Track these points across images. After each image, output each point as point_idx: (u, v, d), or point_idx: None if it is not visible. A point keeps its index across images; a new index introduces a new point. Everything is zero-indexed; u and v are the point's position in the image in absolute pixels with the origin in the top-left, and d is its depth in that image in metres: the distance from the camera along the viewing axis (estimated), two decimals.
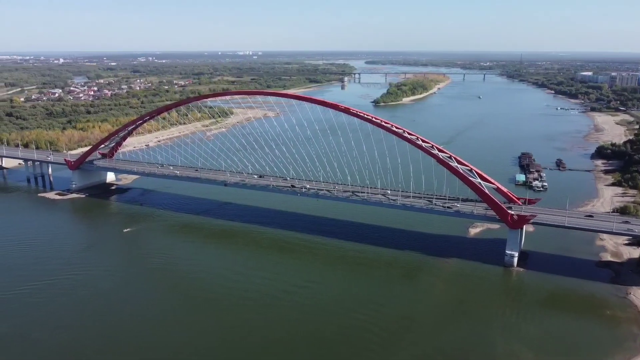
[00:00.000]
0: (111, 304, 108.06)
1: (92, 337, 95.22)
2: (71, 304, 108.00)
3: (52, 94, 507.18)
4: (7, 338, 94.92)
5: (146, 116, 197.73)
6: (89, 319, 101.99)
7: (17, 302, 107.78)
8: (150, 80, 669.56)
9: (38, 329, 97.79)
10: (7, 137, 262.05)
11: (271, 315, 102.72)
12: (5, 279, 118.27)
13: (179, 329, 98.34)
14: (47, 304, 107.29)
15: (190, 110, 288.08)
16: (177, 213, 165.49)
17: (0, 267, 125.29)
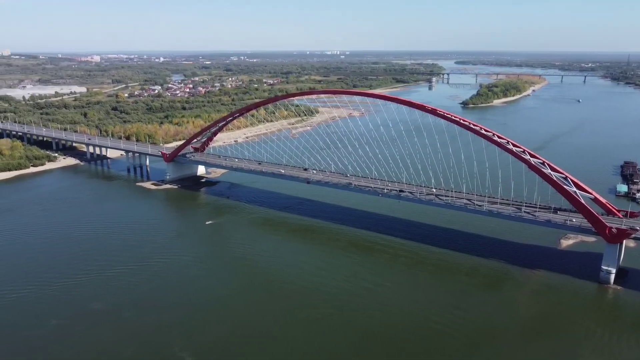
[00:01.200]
0: (198, 290, 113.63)
1: (178, 321, 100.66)
2: (162, 287, 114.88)
3: (152, 90, 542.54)
4: (102, 315, 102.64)
5: (236, 113, 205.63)
6: (177, 302, 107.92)
7: (114, 282, 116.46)
8: (241, 79, 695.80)
9: (130, 309, 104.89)
10: (111, 129, 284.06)
11: (347, 312, 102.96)
12: (104, 260, 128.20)
13: (258, 317, 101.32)
14: (140, 286, 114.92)
15: (278, 108, 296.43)
16: (260, 207, 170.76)
17: (100, 249, 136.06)
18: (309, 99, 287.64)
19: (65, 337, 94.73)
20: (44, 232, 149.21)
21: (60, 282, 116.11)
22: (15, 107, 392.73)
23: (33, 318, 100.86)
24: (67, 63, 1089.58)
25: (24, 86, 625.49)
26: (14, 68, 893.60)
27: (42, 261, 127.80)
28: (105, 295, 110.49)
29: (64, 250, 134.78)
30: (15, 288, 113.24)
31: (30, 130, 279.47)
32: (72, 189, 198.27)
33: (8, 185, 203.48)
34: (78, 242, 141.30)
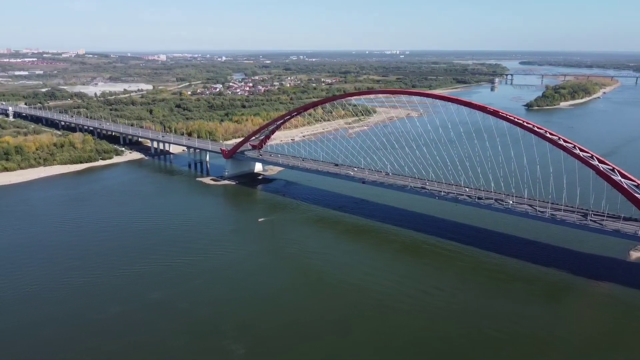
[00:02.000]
0: (251, 285, 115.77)
1: (231, 314, 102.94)
2: (216, 280, 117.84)
3: (214, 88, 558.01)
4: (159, 305, 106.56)
5: (294, 112, 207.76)
6: (230, 296, 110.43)
7: (171, 273, 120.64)
8: (299, 78, 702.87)
9: (185, 300, 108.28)
10: (175, 125, 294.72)
11: (398, 315, 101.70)
12: (163, 251, 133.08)
13: (308, 315, 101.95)
14: (195, 279, 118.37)
15: (335, 108, 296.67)
16: (314, 206, 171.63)
17: (159, 241, 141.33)
18: (367, 99, 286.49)
19: (125, 324, 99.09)
20: (110, 222, 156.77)
21: (122, 270, 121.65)
22: (88, 103, 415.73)
23: (97, 303, 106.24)
24: (135, 61, 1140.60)
25: (96, 83, 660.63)
26: (88, 66, 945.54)
27: (107, 250, 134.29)
28: (162, 285, 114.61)
29: (126, 241, 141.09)
30: (83, 273, 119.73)
31: (100, 125, 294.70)
32: (136, 182, 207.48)
33: (79, 177, 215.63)
34: (140, 233, 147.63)
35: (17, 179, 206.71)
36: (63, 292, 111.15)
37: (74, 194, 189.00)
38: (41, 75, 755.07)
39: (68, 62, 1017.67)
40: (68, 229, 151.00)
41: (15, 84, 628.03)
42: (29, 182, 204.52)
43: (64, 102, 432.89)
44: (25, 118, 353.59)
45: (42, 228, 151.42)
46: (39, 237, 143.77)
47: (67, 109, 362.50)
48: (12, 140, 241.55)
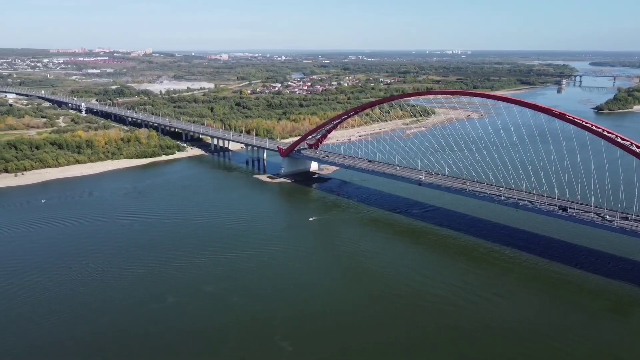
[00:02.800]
0: (302, 283, 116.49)
1: (282, 310, 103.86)
2: (268, 277, 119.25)
3: (272, 87, 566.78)
4: (212, 298, 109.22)
5: (351, 111, 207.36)
6: (282, 293, 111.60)
7: (225, 267, 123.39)
8: (358, 78, 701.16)
9: (238, 295, 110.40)
10: (234, 123, 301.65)
11: (451, 322, 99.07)
12: (218, 245, 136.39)
13: (359, 317, 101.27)
14: (248, 274, 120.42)
15: (393, 108, 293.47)
16: (368, 206, 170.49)
17: (215, 234, 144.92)
18: (426, 99, 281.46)
19: (180, 314, 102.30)
20: (170, 215, 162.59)
21: (179, 262, 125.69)
22: (153, 101, 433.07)
23: (156, 292, 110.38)
24: (199, 61, 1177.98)
25: (161, 81, 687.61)
26: (154, 65, 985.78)
27: (166, 241, 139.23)
28: (216, 279, 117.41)
29: (185, 233, 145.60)
30: (144, 263, 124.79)
31: (164, 121, 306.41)
32: (196, 177, 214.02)
33: (143, 171, 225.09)
34: (197, 226, 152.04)
35: (87, 171, 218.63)
36: (125, 280, 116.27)
37: (138, 187, 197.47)
38: (111, 74, 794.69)
39: (136, 61, 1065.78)
40: (132, 220, 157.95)
41: (88, 81, 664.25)
42: (98, 174, 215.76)
43: (131, 99, 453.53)
44: (96, 114, 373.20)
45: (108, 218, 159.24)
46: (106, 227, 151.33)
47: (134, 106, 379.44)
48: (83, 135, 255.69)
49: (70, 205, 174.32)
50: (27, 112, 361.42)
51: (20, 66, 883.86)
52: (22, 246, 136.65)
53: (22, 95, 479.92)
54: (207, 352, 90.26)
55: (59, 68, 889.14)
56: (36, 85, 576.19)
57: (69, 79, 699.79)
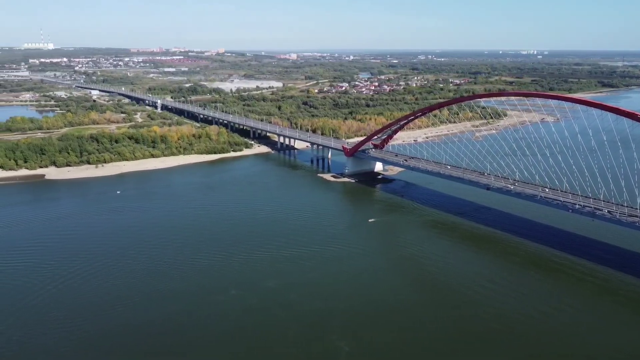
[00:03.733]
0: (362, 284, 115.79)
1: (340, 310, 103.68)
2: (328, 276, 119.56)
3: (340, 87, 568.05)
4: (272, 293, 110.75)
5: (418, 112, 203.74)
6: (341, 293, 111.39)
7: (286, 264, 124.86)
8: (426, 78, 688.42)
9: (297, 292, 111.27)
10: (301, 122, 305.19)
11: (519, 334, 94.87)
12: (280, 241, 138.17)
13: (419, 323, 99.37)
14: (309, 272, 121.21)
15: (462, 109, 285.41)
16: (433, 209, 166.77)
17: (277, 230, 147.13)
18: (497, 101, 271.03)
19: (240, 307, 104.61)
20: (235, 210, 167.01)
21: (242, 256, 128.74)
22: (224, 99, 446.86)
23: (219, 284, 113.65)
24: (268, 60, 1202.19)
25: (232, 80, 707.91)
26: (226, 64, 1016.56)
27: (230, 236, 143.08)
28: (277, 274, 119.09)
29: (249, 229, 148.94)
30: (208, 255, 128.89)
31: (233, 119, 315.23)
32: (262, 174, 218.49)
33: (212, 166, 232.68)
34: (261, 222, 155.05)
35: (160, 165, 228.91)
36: (190, 271, 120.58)
37: (207, 182, 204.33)
38: (186, 72, 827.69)
39: (209, 60, 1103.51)
40: (200, 213, 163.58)
41: (164, 79, 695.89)
42: (170, 168, 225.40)
43: (203, 97, 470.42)
44: (171, 110, 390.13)
45: (178, 211, 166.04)
46: (176, 219, 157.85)
47: (205, 103, 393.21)
48: (158, 130, 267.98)
49: (143, 197, 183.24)
50: (109, 107, 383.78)
51: (104, 65, 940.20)
52: (97, 234, 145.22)
53: (105, 92, 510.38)
54: (265, 346, 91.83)
55: (138, 66, 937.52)
56: (117, 82, 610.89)
57: (147, 76, 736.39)
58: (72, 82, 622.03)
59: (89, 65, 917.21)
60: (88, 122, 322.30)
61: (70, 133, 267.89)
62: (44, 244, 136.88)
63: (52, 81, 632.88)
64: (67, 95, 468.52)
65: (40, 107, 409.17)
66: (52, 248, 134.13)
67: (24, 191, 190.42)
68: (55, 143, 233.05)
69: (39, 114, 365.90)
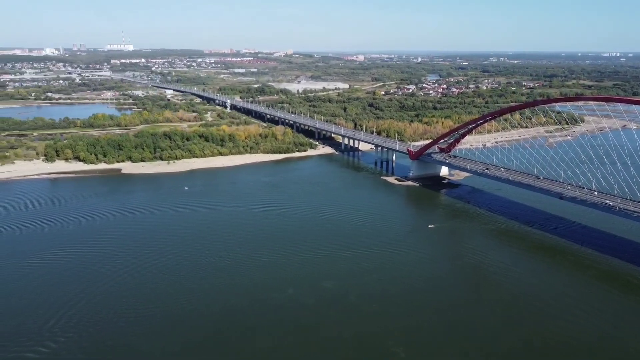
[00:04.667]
0: (421, 290, 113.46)
1: (398, 316, 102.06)
2: (387, 280, 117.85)
3: (406, 89, 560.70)
4: (330, 294, 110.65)
5: (488, 116, 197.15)
6: (400, 298, 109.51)
7: (344, 265, 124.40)
8: (497, 80, 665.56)
9: (355, 294, 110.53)
10: (365, 124, 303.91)
11: (597, 351, 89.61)
12: (339, 242, 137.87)
13: (482, 335, 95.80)
14: (368, 274, 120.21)
15: (535, 114, 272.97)
16: (500, 217, 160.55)
17: (337, 231, 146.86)
18: (574, 106, 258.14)
19: (298, 306, 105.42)
20: (297, 209, 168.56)
21: (302, 255, 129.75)
22: (290, 99, 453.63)
23: (277, 282, 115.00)
24: (335, 61, 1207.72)
25: (299, 81, 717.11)
26: (294, 65, 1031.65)
27: (290, 235, 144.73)
28: (335, 275, 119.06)
29: (309, 228, 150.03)
30: (268, 253, 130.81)
31: (299, 119, 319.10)
32: (325, 175, 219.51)
33: (277, 165, 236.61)
34: (322, 222, 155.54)
35: (227, 162, 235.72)
36: (251, 267, 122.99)
37: (272, 180, 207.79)
38: (255, 73, 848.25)
39: (278, 61, 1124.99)
40: (263, 211, 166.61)
41: (234, 79, 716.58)
42: (237, 166, 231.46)
43: (271, 97, 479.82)
44: (239, 110, 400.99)
45: (243, 208, 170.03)
46: (240, 216, 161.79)
47: (272, 104, 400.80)
48: (227, 129, 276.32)
49: (210, 193, 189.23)
50: (181, 106, 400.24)
51: (178, 65, 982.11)
52: (166, 227, 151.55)
53: (178, 92, 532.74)
54: (320, 349, 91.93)
55: (210, 67, 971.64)
56: (190, 82, 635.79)
57: (218, 77, 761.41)
58: (148, 82, 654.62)
59: (164, 65, 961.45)
60: (162, 120, 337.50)
61: (145, 130, 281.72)
62: (118, 234, 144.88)
63: (130, 81, 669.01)
64: (144, 94, 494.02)
65: (120, 105, 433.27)
66: (124, 238, 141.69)
67: (102, 183, 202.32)
68: (131, 139, 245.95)
69: (118, 111, 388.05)
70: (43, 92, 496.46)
